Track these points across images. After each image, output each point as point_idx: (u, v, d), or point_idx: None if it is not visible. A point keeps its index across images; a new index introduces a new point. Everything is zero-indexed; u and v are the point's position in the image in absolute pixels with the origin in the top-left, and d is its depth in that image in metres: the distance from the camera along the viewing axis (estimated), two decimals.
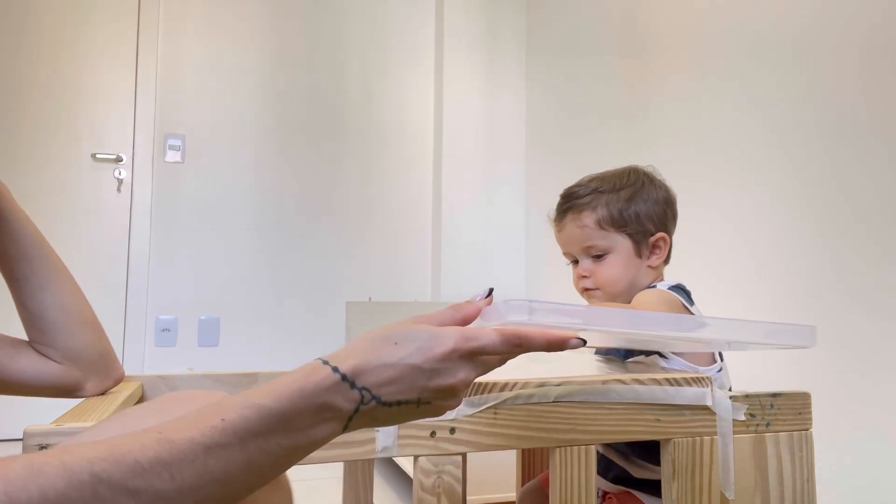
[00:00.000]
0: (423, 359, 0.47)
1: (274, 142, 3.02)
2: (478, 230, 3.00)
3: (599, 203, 1.00)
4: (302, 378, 0.45)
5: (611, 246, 1.00)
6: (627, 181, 1.02)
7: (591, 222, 1.00)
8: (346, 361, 0.47)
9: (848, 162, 1.45)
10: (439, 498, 0.71)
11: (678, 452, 0.78)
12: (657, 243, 1.02)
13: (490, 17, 3.09)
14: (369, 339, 0.49)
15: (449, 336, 0.48)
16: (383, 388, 0.47)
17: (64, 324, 0.77)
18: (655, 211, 1.02)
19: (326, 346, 2.98)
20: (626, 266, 1.00)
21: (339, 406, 0.46)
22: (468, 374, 0.49)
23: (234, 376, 1.04)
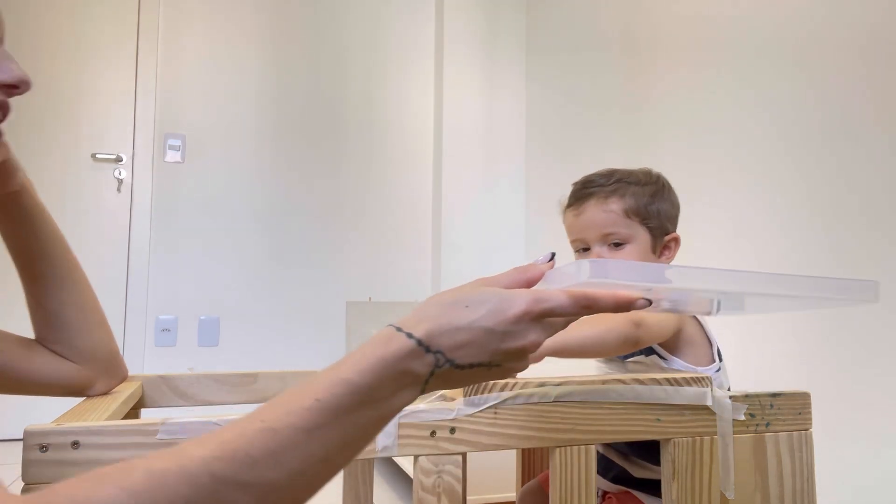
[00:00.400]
0: (495, 321, 0.47)
1: (274, 142, 3.02)
2: (478, 230, 3.00)
3: (627, 192, 0.99)
4: (381, 347, 0.46)
5: (632, 236, 0.99)
6: (650, 179, 1.02)
7: (617, 209, 0.99)
8: (419, 327, 0.47)
9: (849, 159, 1.46)
10: (439, 497, 0.71)
11: (678, 452, 0.78)
12: (669, 243, 1.02)
13: (490, 17, 3.09)
14: (439, 302, 0.49)
15: (520, 298, 0.48)
16: (457, 352, 0.47)
17: (81, 323, 0.77)
18: (673, 213, 1.03)
19: (326, 345, 2.98)
20: (642, 259, 1.00)
21: (416, 371, 0.46)
22: (538, 335, 0.49)
23: (234, 376, 1.04)
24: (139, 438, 0.61)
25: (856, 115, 1.44)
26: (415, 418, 0.70)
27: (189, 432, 0.63)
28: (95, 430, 0.60)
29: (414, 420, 0.70)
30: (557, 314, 0.50)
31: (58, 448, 0.58)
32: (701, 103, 1.92)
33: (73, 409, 0.73)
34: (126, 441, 0.60)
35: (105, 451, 0.59)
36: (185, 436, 0.63)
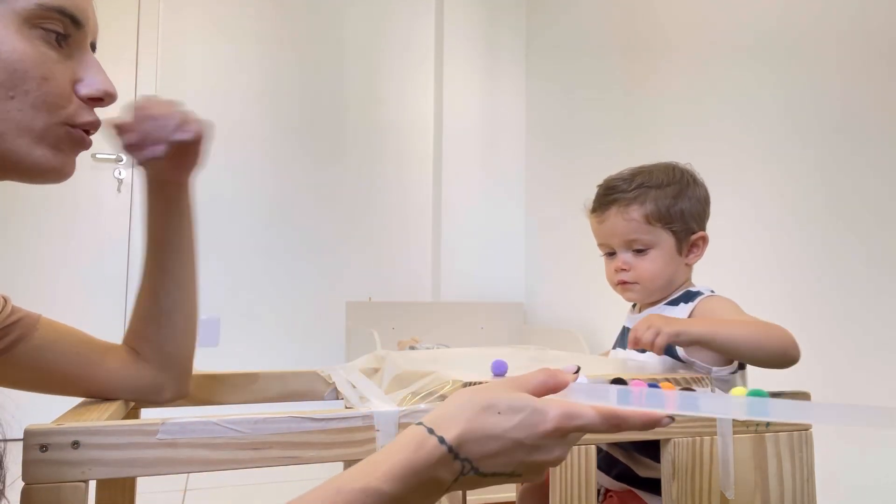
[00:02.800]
0: (526, 434, 0.47)
1: (274, 142, 3.02)
2: (478, 230, 3.00)
3: (647, 198, 0.99)
4: (413, 454, 0.45)
5: (655, 241, 0.99)
6: (673, 178, 1.02)
7: (638, 216, 0.99)
8: (451, 431, 0.46)
9: (850, 157, 1.46)
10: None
11: (678, 452, 0.78)
12: (697, 242, 1.02)
13: (490, 17, 3.09)
14: (470, 403, 0.48)
15: (552, 412, 0.48)
16: (484, 461, 0.47)
17: (182, 328, 0.78)
18: (698, 210, 1.02)
19: (326, 345, 2.98)
20: (668, 262, 1.00)
21: (442, 478, 0.46)
22: (563, 451, 0.49)
23: (234, 376, 1.04)
24: (139, 438, 0.61)
25: (857, 112, 1.44)
26: (415, 418, 0.70)
27: (189, 432, 0.63)
28: (95, 430, 0.60)
29: (414, 420, 0.70)
30: (587, 431, 0.49)
31: (58, 448, 0.58)
32: (702, 103, 1.92)
33: (74, 409, 0.73)
34: (126, 441, 0.60)
35: (105, 451, 0.59)
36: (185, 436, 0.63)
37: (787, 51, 1.63)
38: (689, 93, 1.97)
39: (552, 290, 2.74)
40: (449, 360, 0.98)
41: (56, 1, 0.58)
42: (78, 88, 0.61)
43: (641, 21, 2.23)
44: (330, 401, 1.05)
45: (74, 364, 0.73)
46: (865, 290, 1.40)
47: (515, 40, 3.10)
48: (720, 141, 1.83)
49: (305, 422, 0.68)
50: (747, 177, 1.73)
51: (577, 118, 2.61)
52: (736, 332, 0.84)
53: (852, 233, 1.44)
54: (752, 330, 0.86)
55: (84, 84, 0.61)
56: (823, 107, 1.52)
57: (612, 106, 2.36)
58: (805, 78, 1.57)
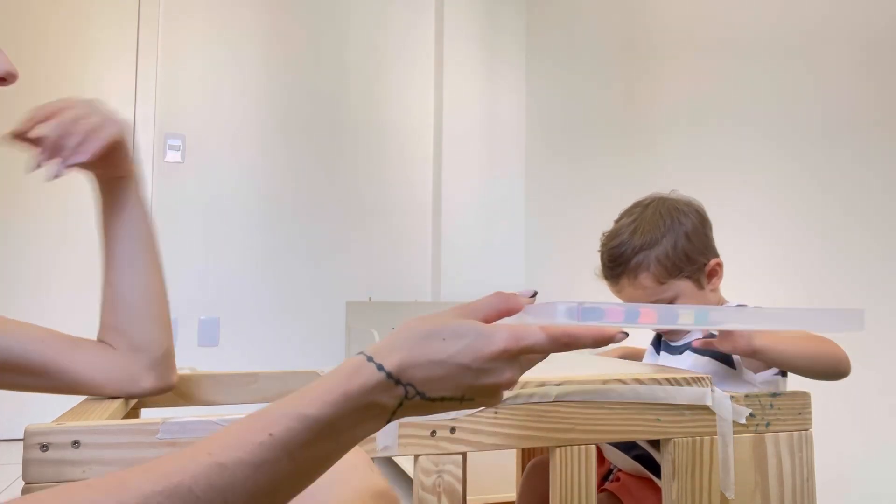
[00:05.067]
0: (471, 358, 0.46)
1: (274, 142, 3.02)
2: (478, 230, 3.00)
3: (650, 261, 1.00)
4: (346, 380, 0.44)
5: (675, 293, 1.01)
6: (663, 226, 1.02)
7: (649, 283, 1.00)
8: (390, 357, 0.46)
9: (850, 157, 1.46)
10: (440, 497, 0.71)
11: (678, 452, 0.78)
12: (713, 269, 1.03)
13: (490, 17, 3.09)
14: (414, 331, 0.47)
15: (499, 336, 0.47)
16: (428, 385, 0.46)
17: (142, 310, 0.79)
18: (699, 242, 1.02)
19: (326, 346, 2.98)
20: (695, 303, 1.01)
21: (383, 403, 0.45)
22: (514, 373, 0.48)
23: (234, 376, 1.04)
24: (139, 438, 0.61)
25: (858, 113, 1.44)
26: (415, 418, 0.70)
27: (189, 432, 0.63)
28: (96, 430, 0.60)
29: (414, 420, 0.70)
30: (536, 352, 0.49)
31: (58, 447, 0.58)
32: (702, 102, 1.92)
33: (74, 408, 0.73)
34: (126, 441, 0.60)
35: (105, 450, 0.59)
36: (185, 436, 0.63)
37: (788, 49, 1.63)
38: (690, 92, 1.97)
39: (552, 290, 2.74)
40: None
41: None
42: None
43: (641, 21, 2.23)
44: None
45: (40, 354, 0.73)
46: (866, 288, 1.40)
47: (515, 40, 3.10)
48: (720, 140, 1.83)
49: None
50: (747, 175, 1.73)
51: (577, 118, 2.61)
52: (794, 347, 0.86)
53: (854, 230, 1.44)
54: (814, 347, 0.88)
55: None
56: (825, 106, 1.52)
57: (613, 105, 2.36)
58: (807, 76, 1.57)
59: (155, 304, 0.81)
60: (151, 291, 0.81)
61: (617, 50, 2.36)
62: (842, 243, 1.46)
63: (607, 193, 2.28)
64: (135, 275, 0.80)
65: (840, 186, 1.47)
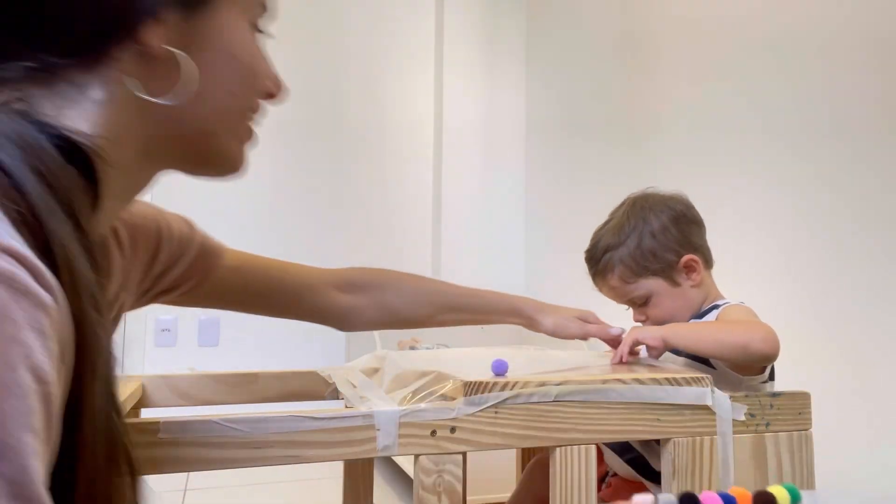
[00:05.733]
0: None
1: (274, 140, 3.01)
2: (478, 229, 3.00)
3: (614, 262, 1.03)
4: None
5: (647, 291, 1.03)
6: (628, 226, 1.04)
7: (618, 283, 1.04)
8: None
9: (850, 157, 1.46)
10: (440, 497, 0.71)
11: (678, 452, 0.78)
12: (688, 264, 1.03)
13: (490, 17, 3.09)
14: None
15: None
16: None
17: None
18: (666, 239, 1.03)
19: (326, 345, 2.98)
20: (672, 299, 1.03)
21: None
22: None
23: (234, 376, 1.04)
24: (140, 437, 0.61)
25: (857, 113, 1.44)
26: (415, 418, 0.70)
27: (190, 431, 0.63)
28: None
29: (414, 419, 0.70)
30: None
31: None
32: (702, 102, 1.92)
33: None
34: None
35: None
36: (185, 435, 0.63)
37: (789, 47, 1.63)
38: (690, 90, 1.97)
39: (552, 290, 2.74)
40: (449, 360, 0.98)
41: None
42: (266, 84, 0.61)
43: (641, 20, 2.23)
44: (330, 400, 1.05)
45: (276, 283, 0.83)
46: (866, 289, 1.40)
47: (515, 40, 3.10)
48: (721, 139, 1.83)
49: (305, 421, 0.68)
50: (748, 174, 1.73)
51: (577, 117, 2.61)
52: (702, 330, 0.90)
53: (854, 231, 1.44)
54: (717, 327, 0.91)
55: (272, 81, 0.62)
56: (826, 104, 1.52)
57: (613, 104, 2.36)
58: (809, 74, 1.57)
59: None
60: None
61: (617, 48, 2.36)
62: (843, 242, 1.46)
63: (607, 192, 2.28)
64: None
65: (842, 185, 1.47)
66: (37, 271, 0.35)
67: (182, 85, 0.50)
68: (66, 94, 0.47)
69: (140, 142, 0.51)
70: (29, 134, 0.42)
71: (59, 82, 0.46)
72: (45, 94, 0.46)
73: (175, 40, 0.49)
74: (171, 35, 0.49)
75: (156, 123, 0.51)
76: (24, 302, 0.33)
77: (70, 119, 0.46)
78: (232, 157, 0.58)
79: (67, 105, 0.46)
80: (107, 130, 0.48)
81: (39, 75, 0.46)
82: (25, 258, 0.34)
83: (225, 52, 0.54)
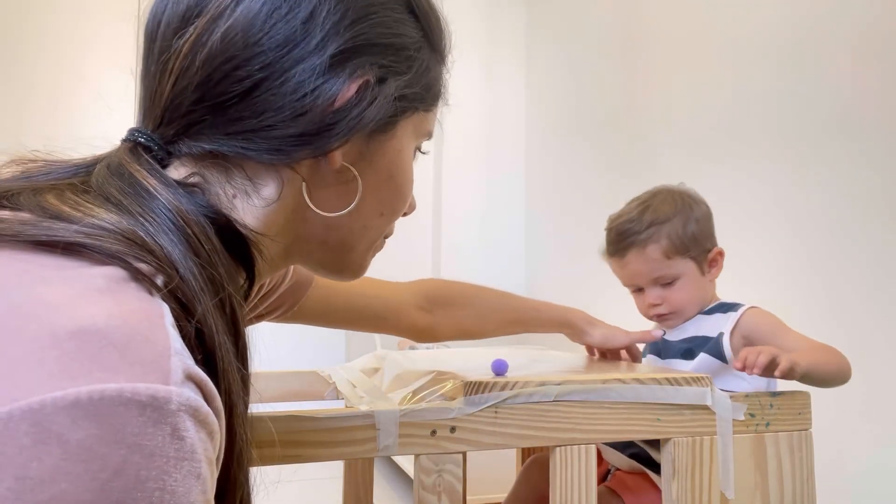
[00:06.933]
0: None
1: None
2: (478, 230, 3.00)
3: (661, 235, 1.03)
4: None
5: (679, 272, 1.04)
6: (677, 206, 1.06)
7: (658, 255, 1.03)
8: None
9: (849, 156, 1.46)
10: (440, 497, 0.71)
11: (678, 452, 0.78)
12: (715, 258, 1.07)
13: (490, 17, 3.09)
14: None
15: None
16: None
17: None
18: (706, 228, 1.07)
19: (326, 345, 2.98)
20: (696, 287, 1.05)
21: None
22: None
23: None
24: None
25: (857, 112, 1.44)
26: (415, 417, 0.70)
27: None
28: None
29: (414, 419, 0.70)
30: None
31: None
32: (702, 102, 1.92)
33: None
34: None
35: None
36: None
37: (790, 46, 1.63)
38: (690, 89, 1.97)
39: (552, 290, 2.74)
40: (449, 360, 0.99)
41: (435, 125, 0.62)
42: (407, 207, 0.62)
43: (641, 18, 2.23)
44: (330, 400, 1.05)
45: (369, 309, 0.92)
46: (866, 289, 1.40)
47: (515, 39, 3.10)
48: (722, 138, 1.83)
49: (305, 421, 0.68)
50: (748, 172, 1.73)
51: (577, 116, 2.61)
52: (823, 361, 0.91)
53: (853, 230, 1.44)
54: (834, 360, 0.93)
55: (410, 203, 0.62)
56: (827, 102, 1.52)
57: (613, 103, 2.36)
58: (810, 73, 1.57)
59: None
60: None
61: (617, 47, 2.36)
62: (843, 242, 1.46)
63: (607, 192, 2.28)
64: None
65: (842, 185, 1.47)
66: (211, 397, 0.35)
67: (342, 197, 0.51)
68: (240, 185, 0.47)
69: (289, 241, 0.52)
70: (199, 223, 0.42)
71: (237, 172, 0.47)
72: (220, 180, 0.47)
73: (351, 157, 0.50)
74: (350, 152, 0.50)
75: (307, 228, 0.52)
76: (203, 433, 0.33)
77: (240, 211, 0.47)
78: (360, 268, 0.60)
79: (240, 196, 0.47)
80: (266, 228, 0.48)
81: (221, 161, 0.46)
82: (205, 384, 0.34)
83: (389, 174, 0.55)
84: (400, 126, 0.54)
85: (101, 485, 0.29)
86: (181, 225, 0.41)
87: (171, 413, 0.31)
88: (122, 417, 0.30)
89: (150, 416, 0.31)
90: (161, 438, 0.31)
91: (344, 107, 0.47)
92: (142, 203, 0.41)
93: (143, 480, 0.30)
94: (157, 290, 0.37)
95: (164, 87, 0.46)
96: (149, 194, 0.42)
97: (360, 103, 0.48)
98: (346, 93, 0.47)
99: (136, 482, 0.30)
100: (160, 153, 0.46)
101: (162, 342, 0.34)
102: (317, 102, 0.46)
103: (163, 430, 0.31)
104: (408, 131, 0.56)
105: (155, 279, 0.37)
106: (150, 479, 0.30)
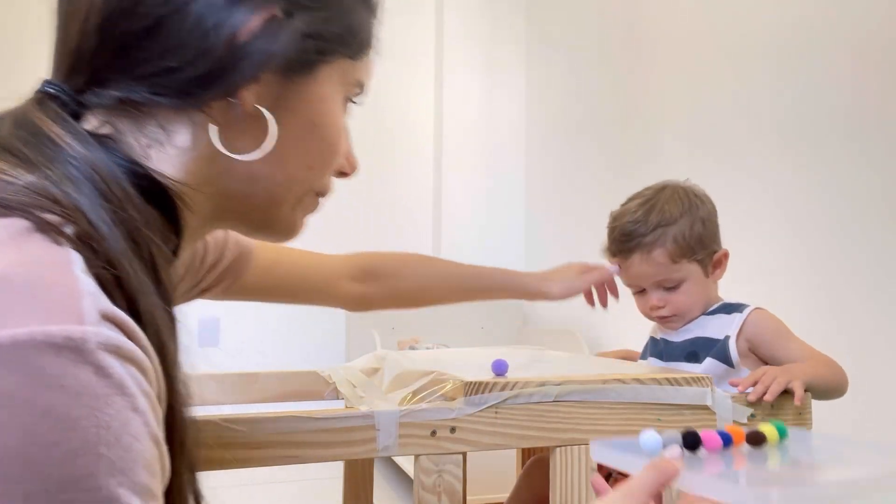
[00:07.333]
0: None
1: None
2: (478, 229, 3.00)
3: (667, 238, 1.00)
4: None
5: (684, 275, 1.02)
6: (683, 207, 1.03)
7: (663, 259, 1.00)
8: None
9: (849, 157, 1.46)
10: (440, 497, 0.71)
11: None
12: (720, 260, 1.04)
13: (490, 17, 3.09)
14: None
15: None
16: None
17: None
18: (712, 229, 1.04)
19: (326, 345, 2.98)
20: (700, 289, 1.03)
21: None
22: None
23: (234, 376, 1.04)
24: None
25: (857, 112, 1.44)
26: (415, 418, 0.70)
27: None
28: None
29: (415, 419, 0.70)
30: None
31: None
32: (702, 100, 1.92)
33: None
34: None
35: None
36: None
37: (791, 46, 1.63)
38: (691, 90, 1.97)
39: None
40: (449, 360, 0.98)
41: (367, 76, 0.60)
42: (342, 163, 0.61)
43: (642, 18, 2.23)
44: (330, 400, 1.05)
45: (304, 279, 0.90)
46: (867, 288, 1.40)
47: (515, 39, 3.09)
48: (722, 138, 1.83)
49: (305, 421, 0.68)
50: (749, 171, 1.73)
51: (577, 115, 2.61)
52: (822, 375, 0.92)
53: (853, 229, 1.44)
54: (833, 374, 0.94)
55: (348, 159, 0.62)
56: (828, 102, 1.52)
57: (613, 102, 2.36)
58: (811, 74, 1.57)
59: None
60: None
61: (617, 46, 2.36)
62: (843, 242, 1.46)
63: (607, 191, 2.28)
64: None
65: (842, 185, 1.47)
66: (134, 335, 0.35)
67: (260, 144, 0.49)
68: (153, 133, 0.46)
69: (212, 195, 0.50)
70: (111, 173, 0.42)
71: (148, 121, 0.46)
72: (132, 129, 0.46)
73: (267, 100, 0.48)
74: (265, 94, 0.48)
75: (229, 179, 0.50)
76: (131, 369, 0.33)
77: (155, 160, 0.46)
78: (291, 226, 0.58)
79: (153, 145, 0.46)
80: (187, 178, 0.47)
81: (131, 109, 0.45)
82: (125, 323, 0.34)
83: (312, 123, 0.53)
84: (322, 71, 0.51)
85: (28, 428, 0.29)
86: (89, 173, 0.40)
87: (89, 352, 0.31)
88: (39, 361, 0.30)
89: (67, 356, 0.31)
90: (86, 377, 0.31)
91: (249, 42, 0.45)
92: (46, 154, 0.40)
93: (76, 419, 0.30)
94: (66, 239, 0.36)
95: (71, 33, 0.45)
96: (54, 144, 0.41)
97: (266, 37, 0.46)
98: (248, 25, 0.45)
99: (68, 421, 0.30)
100: (71, 104, 0.45)
101: (71, 285, 0.34)
102: (219, 38, 0.44)
103: (85, 369, 0.31)
104: (332, 78, 0.53)
105: (63, 228, 0.37)
106: (81, 416, 0.30)
